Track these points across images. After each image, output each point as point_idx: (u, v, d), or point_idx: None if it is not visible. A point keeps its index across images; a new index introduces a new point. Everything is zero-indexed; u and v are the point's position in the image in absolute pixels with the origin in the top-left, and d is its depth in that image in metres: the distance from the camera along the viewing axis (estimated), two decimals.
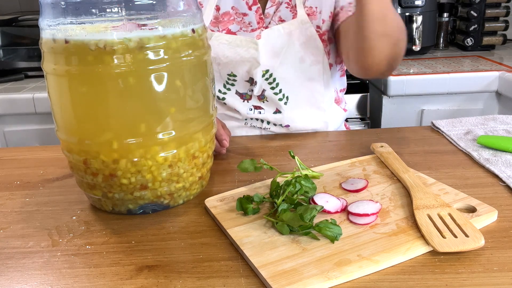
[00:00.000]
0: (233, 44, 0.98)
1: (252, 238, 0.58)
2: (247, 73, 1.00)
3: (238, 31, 1.01)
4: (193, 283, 0.52)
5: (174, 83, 0.63)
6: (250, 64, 0.98)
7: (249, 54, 0.97)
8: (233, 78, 1.01)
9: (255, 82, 0.99)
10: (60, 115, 0.66)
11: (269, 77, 0.99)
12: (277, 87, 1.00)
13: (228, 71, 1.01)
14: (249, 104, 1.03)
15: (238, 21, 1.00)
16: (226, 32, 1.00)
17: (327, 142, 0.96)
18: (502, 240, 0.57)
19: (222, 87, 1.03)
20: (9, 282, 0.54)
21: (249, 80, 1.01)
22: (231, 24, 1.00)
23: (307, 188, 0.66)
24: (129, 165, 0.64)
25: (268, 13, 1.00)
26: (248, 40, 0.97)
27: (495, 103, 1.66)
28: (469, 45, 1.94)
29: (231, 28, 1.01)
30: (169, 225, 0.65)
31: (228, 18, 1.01)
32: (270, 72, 0.99)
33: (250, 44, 0.97)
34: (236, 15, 1.00)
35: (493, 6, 1.90)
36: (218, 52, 0.98)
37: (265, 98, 1.01)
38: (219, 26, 1.01)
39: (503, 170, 0.75)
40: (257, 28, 1.00)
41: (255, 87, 1.00)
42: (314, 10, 0.99)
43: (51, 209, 0.71)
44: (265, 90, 1.00)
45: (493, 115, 1.00)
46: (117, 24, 0.59)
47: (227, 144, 0.86)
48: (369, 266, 0.52)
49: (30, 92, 1.58)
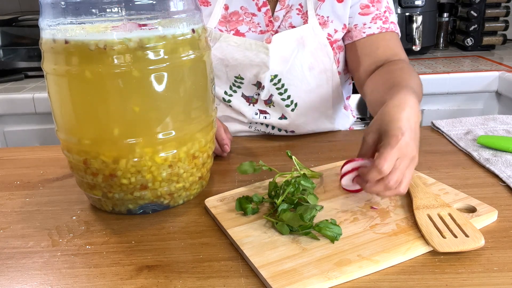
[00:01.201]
0: (242, 47, 0.96)
1: (252, 238, 0.58)
2: (254, 77, 0.98)
3: (247, 32, 0.99)
4: (193, 283, 0.52)
5: (174, 83, 0.63)
6: (259, 68, 0.96)
7: (258, 58, 0.96)
8: (240, 81, 1.00)
9: (263, 86, 0.98)
10: (60, 115, 0.66)
11: (278, 82, 0.97)
12: (285, 92, 0.98)
13: (235, 73, 0.99)
14: (255, 108, 1.01)
15: (247, 21, 0.98)
16: (234, 33, 0.98)
17: (327, 142, 0.96)
18: (502, 240, 0.57)
19: (228, 89, 1.01)
20: (9, 282, 0.54)
21: (256, 83, 0.99)
22: (240, 24, 0.99)
23: (306, 187, 0.66)
24: (129, 165, 0.64)
25: (277, 17, 0.98)
26: (259, 44, 0.95)
27: (495, 103, 1.66)
28: (469, 45, 1.94)
29: (239, 29, 0.99)
30: (169, 225, 0.65)
31: (237, 18, 0.99)
32: (279, 77, 0.97)
33: (260, 49, 0.95)
34: (245, 15, 0.98)
35: (493, 6, 1.90)
36: (226, 54, 0.97)
37: (272, 103, 1.00)
38: (227, 25, 0.99)
39: (503, 170, 0.75)
40: (266, 31, 0.98)
41: (262, 92, 0.98)
42: (326, 20, 0.97)
43: (51, 209, 0.71)
44: (273, 95, 0.99)
45: (493, 115, 1.00)
46: (117, 24, 0.59)
47: (228, 149, 0.86)
48: (369, 266, 0.52)
49: (30, 92, 1.58)
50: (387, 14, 0.96)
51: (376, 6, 0.96)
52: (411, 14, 1.82)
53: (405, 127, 0.61)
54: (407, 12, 1.83)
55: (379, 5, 0.96)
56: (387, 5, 0.97)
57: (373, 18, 0.95)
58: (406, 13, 1.82)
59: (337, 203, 0.66)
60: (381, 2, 0.96)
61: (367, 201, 0.66)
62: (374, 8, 0.96)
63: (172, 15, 0.63)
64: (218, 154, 0.87)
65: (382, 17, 0.96)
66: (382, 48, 0.95)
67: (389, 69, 0.90)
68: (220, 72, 0.99)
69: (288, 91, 0.98)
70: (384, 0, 0.97)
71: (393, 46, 0.96)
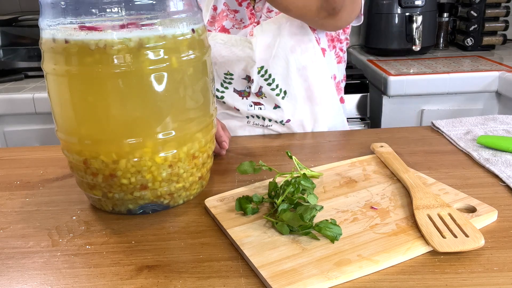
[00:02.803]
0: (229, 44, 0.99)
1: (252, 238, 0.58)
2: (243, 71, 1.01)
3: (231, 28, 1.02)
4: (193, 283, 0.52)
5: (174, 83, 0.63)
6: (245, 63, 0.99)
7: (244, 53, 0.98)
8: (230, 77, 1.02)
9: (252, 79, 1.00)
10: (60, 115, 0.66)
11: (265, 73, 1.00)
12: (273, 82, 1.01)
13: (224, 70, 1.02)
14: (248, 101, 1.04)
15: (231, 17, 1.01)
16: (220, 29, 1.01)
17: (327, 142, 0.96)
18: (502, 240, 0.57)
19: (220, 86, 1.04)
20: (9, 282, 0.54)
21: (246, 77, 1.02)
22: (224, 20, 1.01)
23: (306, 187, 0.66)
24: (129, 165, 0.64)
25: (258, 7, 1.01)
26: (243, 40, 0.98)
27: (495, 103, 1.66)
28: (469, 45, 1.94)
29: (224, 25, 1.02)
30: (169, 225, 0.65)
31: (222, 14, 1.02)
32: (265, 68, 1.00)
33: (245, 43, 0.98)
34: (229, 11, 1.01)
35: (493, 6, 1.90)
36: (214, 52, 0.99)
37: (263, 94, 1.03)
38: (216, 24, 1.02)
39: (503, 170, 0.75)
40: (249, 24, 1.01)
41: (252, 85, 1.01)
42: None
43: (51, 209, 0.71)
44: (262, 86, 1.01)
45: (493, 115, 1.00)
46: (117, 24, 0.59)
47: (226, 146, 0.86)
48: (369, 266, 0.52)
49: (30, 92, 1.58)
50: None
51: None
52: (411, 14, 1.82)
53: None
54: (407, 12, 1.83)
55: None
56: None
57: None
58: (406, 13, 1.83)
59: (337, 203, 0.66)
60: None
61: (367, 201, 0.66)
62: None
63: (172, 15, 0.63)
64: (217, 153, 0.87)
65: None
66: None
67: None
68: None
69: (276, 80, 1.01)
70: None
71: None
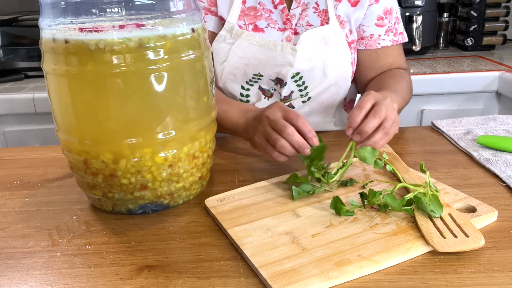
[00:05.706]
0: (266, 47, 0.96)
1: (252, 238, 0.58)
2: (275, 74, 0.99)
3: (266, 28, 0.99)
4: (193, 283, 0.52)
5: (174, 83, 0.63)
6: (281, 67, 0.97)
7: (283, 58, 0.96)
8: (257, 77, 1.00)
9: (285, 83, 0.98)
10: (60, 115, 0.66)
11: (299, 80, 0.99)
12: (305, 89, 1.00)
13: (255, 71, 0.99)
14: (268, 102, 1.02)
15: (266, 17, 0.99)
16: (253, 28, 0.98)
17: (327, 142, 0.96)
18: (502, 240, 0.57)
19: (245, 84, 1.01)
20: (9, 282, 0.54)
21: (275, 79, 1.00)
22: (258, 20, 0.98)
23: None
24: (129, 165, 0.64)
25: (293, 15, 0.99)
26: (285, 45, 0.96)
27: (495, 103, 1.66)
28: (469, 45, 1.94)
29: (258, 24, 0.99)
30: (169, 225, 0.65)
31: (255, 13, 0.99)
32: (300, 75, 0.98)
33: (287, 50, 0.96)
34: (264, 10, 0.99)
35: (493, 6, 1.90)
36: (247, 53, 0.97)
37: (290, 99, 1.01)
38: (245, 19, 0.98)
39: (503, 170, 0.75)
40: (284, 29, 0.99)
41: (283, 89, 0.99)
42: (343, 20, 0.99)
43: (51, 209, 0.71)
44: (293, 91, 1.00)
45: (493, 115, 1.00)
46: (117, 24, 0.59)
47: (317, 141, 0.72)
48: (369, 266, 0.52)
49: (30, 92, 1.58)
50: (396, 26, 1.03)
51: (388, 18, 1.02)
52: (411, 14, 1.81)
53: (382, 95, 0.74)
54: (407, 12, 1.83)
55: (390, 17, 1.02)
56: (396, 15, 1.03)
57: (387, 30, 1.02)
58: (406, 13, 1.82)
59: None
60: (392, 14, 1.02)
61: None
62: (387, 20, 1.02)
63: (172, 15, 0.63)
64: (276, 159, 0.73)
65: (393, 29, 1.03)
66: (388, 59, 1.04)
67: (382, 76, 1.01)
68: (237, 70, 0.99)
69: (308, 88, 1.00)
70: (393, 11, 1.02)
71: (396, 56, 1.05)
